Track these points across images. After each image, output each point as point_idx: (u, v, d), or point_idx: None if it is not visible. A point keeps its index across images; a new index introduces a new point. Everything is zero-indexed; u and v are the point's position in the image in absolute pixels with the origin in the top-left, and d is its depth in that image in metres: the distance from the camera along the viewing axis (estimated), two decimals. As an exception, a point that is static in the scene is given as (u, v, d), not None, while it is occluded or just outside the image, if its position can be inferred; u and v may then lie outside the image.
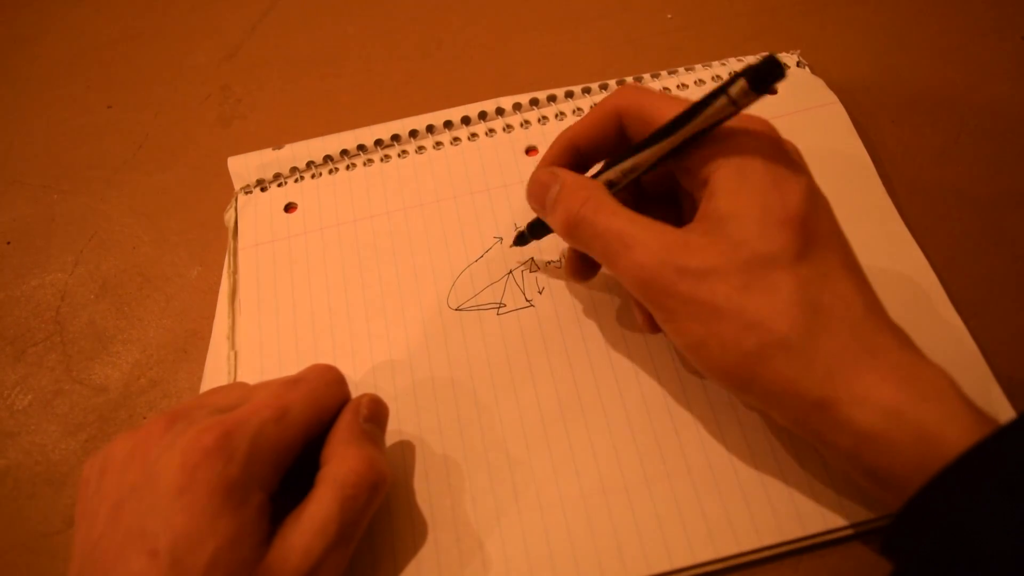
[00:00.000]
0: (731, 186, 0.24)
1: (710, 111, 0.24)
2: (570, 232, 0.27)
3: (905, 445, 0.21)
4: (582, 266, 0.31)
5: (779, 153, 0.25)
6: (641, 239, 0.25)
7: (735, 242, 0.23)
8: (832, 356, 0.22)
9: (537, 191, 0.29)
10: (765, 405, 0.24)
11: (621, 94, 0.28)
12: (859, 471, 0.23)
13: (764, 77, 0.22)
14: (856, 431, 0.22)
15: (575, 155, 0.30)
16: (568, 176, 0.28)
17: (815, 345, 0.22)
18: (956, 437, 0.20)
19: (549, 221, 0.29)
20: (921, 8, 0.43)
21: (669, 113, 0.25)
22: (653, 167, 0.26)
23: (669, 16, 0.45)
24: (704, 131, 0.25)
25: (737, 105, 0.23)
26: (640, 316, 0.29)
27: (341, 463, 0.25)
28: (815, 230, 0.24)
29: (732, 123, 0.25)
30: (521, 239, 0.34)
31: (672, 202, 0.30)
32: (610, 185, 0.28)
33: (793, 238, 0.23)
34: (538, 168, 0.30)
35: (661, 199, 0.31)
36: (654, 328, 0.28)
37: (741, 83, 0.23)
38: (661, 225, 0.25)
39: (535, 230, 0.32)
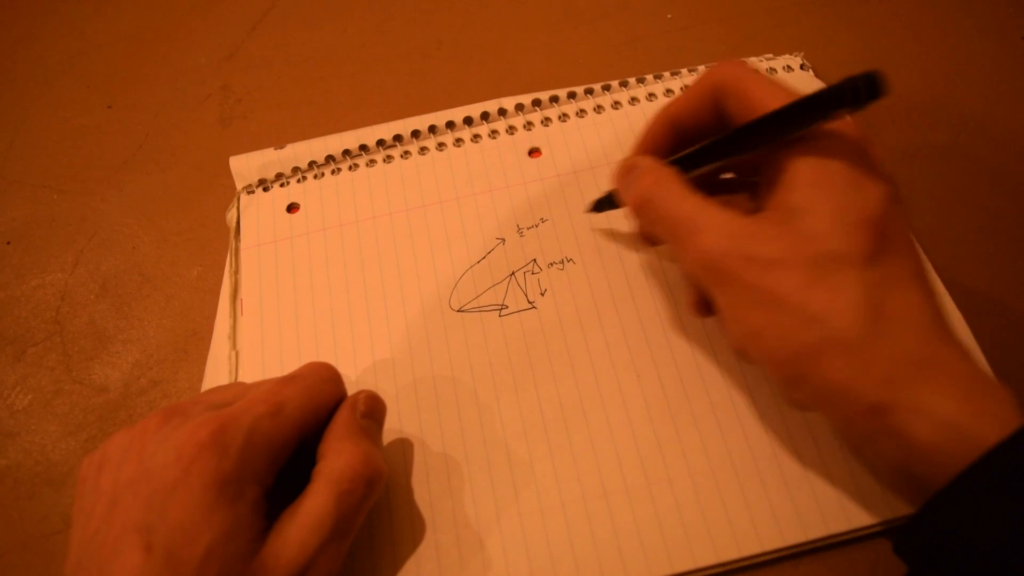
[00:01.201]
0: (809, 180, 0.24)
1: (813, 116, 0.23)
2: (638, 212, 0.28)
3: (957, 459, 0.21)
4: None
5: (862, 155, 0.25)
6: (709, 224, 0.25)
7: (807, 236, 0.23)
8: (892, 362, 0.22)
9: (619, 174, 0.30)
10: (816, 403, 0.24)
11: (721, 70, 0.28)
12: (904, 478, 0.23)
13: (872, 91, 0.22)
14: (909, 440, 0.21)
15: (675, 131, 0.30)
16: (645, 160, 0.29)
17: (875, 348, 0.22)
18: None
19: (626, 203, 0.29)
20: (921, 8, 0.43)
21: (770, 102, 0.25)
22: (740, 155, 0.26)
23: (669, 16, 0.45)
24: (800, 129, 0.24)
25: (839, 112, 0.23)
26: (693, 297, 0.29)
27: (337, 458, 0.25)
28: (889, 235, 0.23)
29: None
30: (599, 205, 0.34)
31: (747, 185, 0.30)
32: (692, 163, 0.28)
33: (867, 240, 0.23)
34: (630, 153, 0.31)
35: (740, 184, 0.31)
36: (704, 312, 0.28)
37: (856, 90, 0.22)
38: (730, 211, 0.25)
39: (607, 203, 0.34)
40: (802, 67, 0.40)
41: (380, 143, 0.40)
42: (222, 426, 0.24)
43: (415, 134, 0.40)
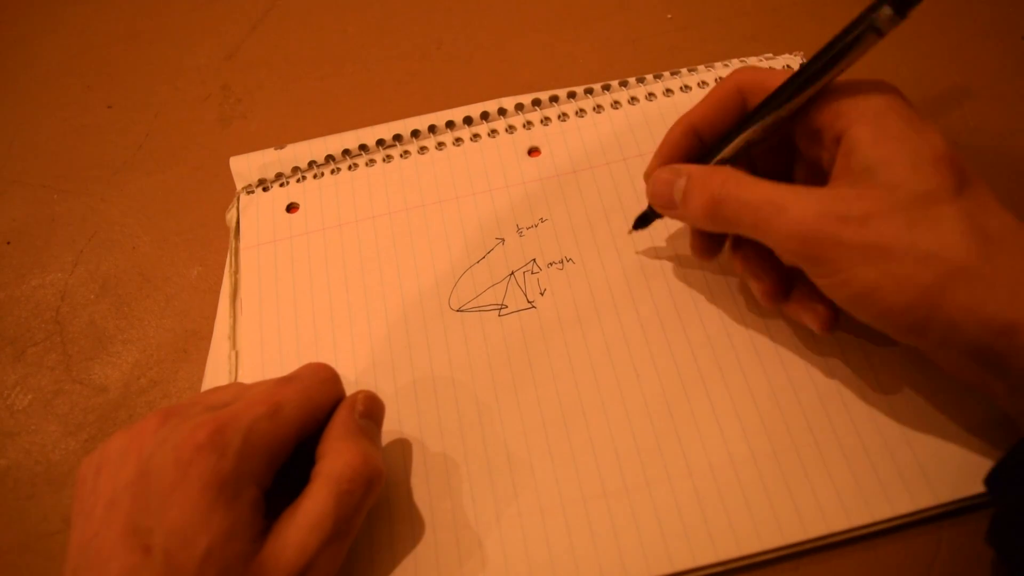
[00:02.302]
0: (871, 138, 0.24)
1: (855, 48, 0.24)
2: (714, 214, 0.27)
3: None
4: (710, 244, 0.31)
5: (907, 107, 0.25)
6: (794, 199, 0.25)
7: (891, 186, 0.24)
8: (1014, 278, 0.22)
9: (662, 190, 0.29)
10: (943, 343, 0.24)
11: (742, 72, 0.29)
12: None
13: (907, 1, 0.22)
14: None
15: (694, 140, 0.30)
16: (692, 168, 0.29)
17: (994, 270, 0.22)
18: None
19: (681, 214, 0.29)
20: (921, 8, 0.43)
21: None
22: (781, 125, 0.27)
23: (669, 16, 0.45)
24: (845, 62, 0.25)
25: (881, 32, 0.23)
26: (765, 286, 0.29)
27: (336, 458, 0.25)
28: (963, 167, 0.24)
29: (855, 82, 0.26)
30: (643, 220, 0.33)
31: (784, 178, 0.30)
32: (752, 144, 0.28)
33: (948, 174, 0.23)
34: (656, 169, 0.30)
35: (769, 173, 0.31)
36: (777, 298, 0.29)
37: (885, 9, 0.23)
38: (806, 187, 0.25)
39: (648, 217, 0.33)
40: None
41: (380, 143, 0.40)
42: (220, 427, 0.24)
43: (415, 134, 0.40)
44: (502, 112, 0.40)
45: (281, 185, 0.39)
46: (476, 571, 0.28)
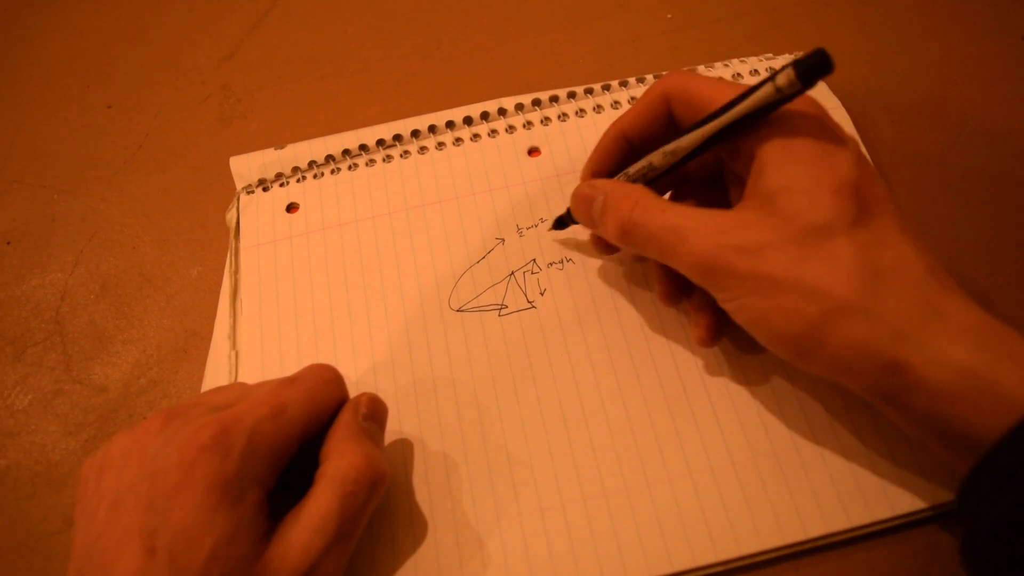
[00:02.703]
0: (778, 161, 0.24)
1: (755, 99, 0.24)
2: (624, 239, 0.28)
3: (982, 405, 0.21)
4: (673, 291, 0.31)
5: (824, 127, 0.25)
6: (693, 228, 0.25)
7: (788, 215, 0.24)
8: (899, 318, 0.22)
9: (581, 206, 0.30)
10: (834, 373, 0.24)
11: (668, 79, 0.29)
12: (934, 434, 0.23)
13: (814, 69, 0.22)
14: (931, 393, 0.22)
15: (625, 146, 0.31)
16: (608, 185, 0.29)
17: (880, 307, 0.22)
18: None
19: (600, 232, 0.29)
20: (921, 9, 0.43)
21: (718, 97, 0.26)
22: (698, 152, 0.27)
23: (669, 16, 0.45)
24: (748, 119, 0.25)
25: (783, 95, 0.23)
26: (662, 289, 0.31)
27: (340, 460, 0.25)
28: (868, 196, 0.24)
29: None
30: (560, 223, 0.34)
31: (718, 184, 0.30)
32: (652, 169, 0.28)
33: (847, 205, 0.23)
34: (585, 177, 0.31)
35: (706, 182, 0.31)
36: (672, 300, 0.30)
37: (788, 73, 0.23)
38: (711, 211, 0.25)
39: (567, 219, 0.33)
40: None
41: (380, 143, 0.40)
42: (224, 428, 0.24)
43: (415, 134, 0.40)
44: (502, 112, 0.40)
45: (281, 185, 0.39)
46: (477, 571, 0.28)
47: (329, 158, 0.40)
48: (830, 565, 0.27)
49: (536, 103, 0.40)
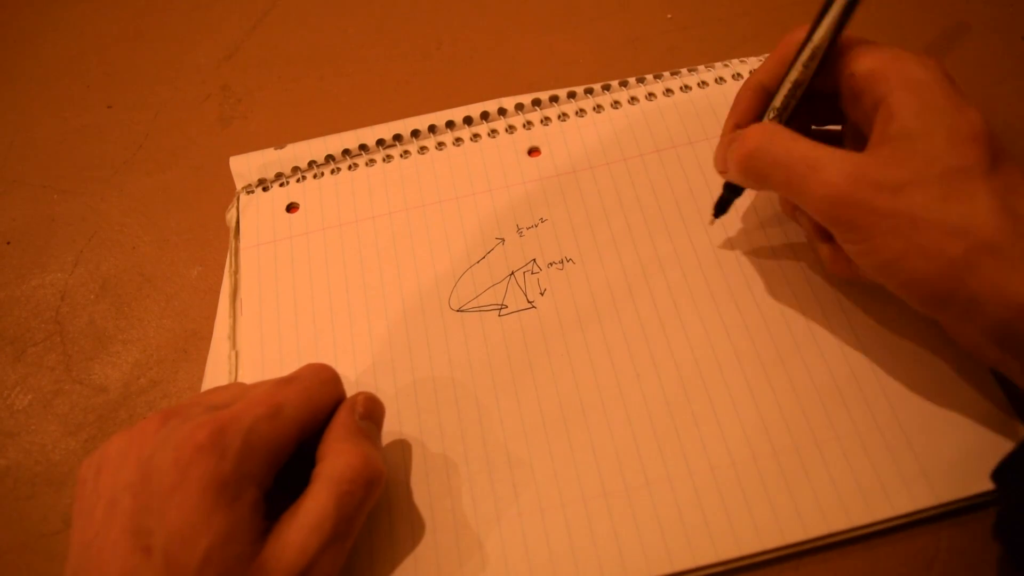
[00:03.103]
0: (913, 107, 0.25)
1: None
2: (748, 166, 0.27)
3: None
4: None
5: (951, 82, 0.25)
6: (829, 159, 0.25)
7: (928, 157, 0.24)
8: None
9: (720, 152, 0.30)
10: (965, 317, 0.24)
11: (801, 29, 0.29)
12: None
13: None
14: None
15: (764, 96, 0.30)
16: (742, 128, 0.29)
17: (1021, 249, 0.22)
18: None
19: (732, 175, 0.29)
20: (921, 8, 0.43)
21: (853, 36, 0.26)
22: (819, 69, 0.27)
23: (669, 16, 0.45)
24: None
25: None
26: (826, 250, 0.29)
27: (337, 459, 0.25)
28: (998, 148, 0.24)
29: (900, 51, 0.26)
30: (721, 205, 0.33)
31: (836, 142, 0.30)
32: (798, 85, 0.28)
33: (983, 153, 0.24)
34: (723, 133, 0.31)
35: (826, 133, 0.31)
36: (841, 265, 0.28)
37: None
38: (844, 150, 0.25)
39: (725, 196, 0.32)
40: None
41: (380, 143, 0.40)
42: (220, 428, 0.24)
43: (415, 134, 0.40)
44: (502, 112, 0.40)
45: (281, 185, 0.39)
46: (476, 571, 0.28)
47: (329, 158, 0.40)
48: (830, 565, 0.27)
49: (536, 103, 0.40)
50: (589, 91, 0.40)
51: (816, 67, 0.27)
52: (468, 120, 0.40)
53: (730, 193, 0.32)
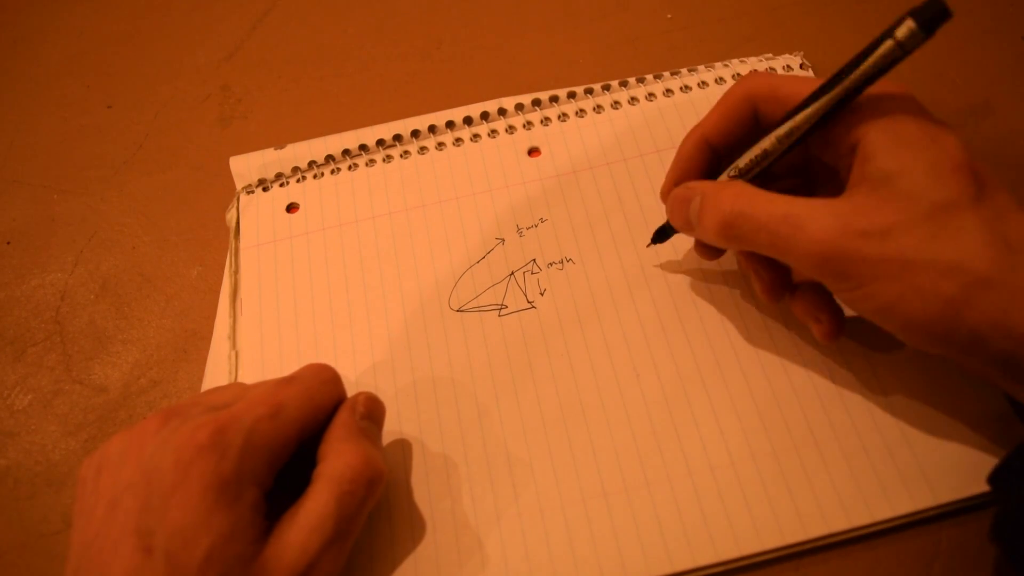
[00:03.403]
0: (889, 144, 0.24)
1: (876, 58, 0.23)
2: (728, 233, 0.26)
3: None
4: (713, 248, 0.30)
5: (922, 110, 0.25)
6: (811, 215, 0.24)
7: (911, 196, 0.23)
8: None
9: (678, 209, 0.29)
10: (968, 352, 0.24)
11: (750, 81, 0.28)
12: None
13: (936, 16, 0.22)
14: None
15: (708, 151, 0.30)
16: (706, 185, 0.28)
17: (1017, 279, 0.22)
18: None
19: (699, 234, 0.28)
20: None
21: (808, 92, 0.25)
22: (816, 128, 0.26)
23: (669, 16, 0.45)
24: (869, 81, 0.24)
25: (905, 49, 0.23)
26: (765, 283, 0.29)
27: (337, 459, 0.25)
28: (982, 174, 0.24)
29: (870, 89, 0.25)
30: (661, 234, 0.33)
31: (802, 186, 0.30)
32: (766, 156, 0.27)
33: (967, 182, 0.23)
34: (670, 187, 0.30)
35: (791, 182, 0.30)
36: (777, 294, 0.28)
37: (909, 24, 0.22)
38: (822, 199, 0.25)
39: (667, 231, 0.32)
40: (801, 67, 0.40)
41: (380, 143, 0.40)
42: (221, 428, 0.24)
43: (415, 134, 0.40)
44: (502, 112, 0.40)
45: (281, 185, 0.39)
46: (476, 571, 0.28)
47: (329, 158, 0.40)
48: (830, 565, 0.27)
49: (536, 103, 0.40)
50: (589, 91, 0.40)
51: (791, 144, 0.27)
52: (468, 120, 0.40)
53: (673, 228, 0.32)
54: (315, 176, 0.39)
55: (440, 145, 0.40)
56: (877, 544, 0.27)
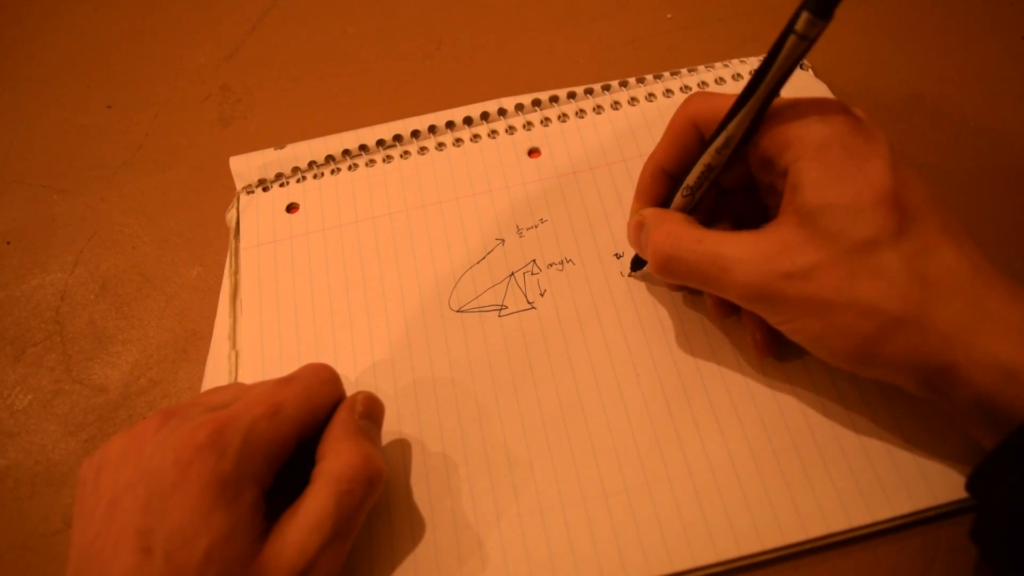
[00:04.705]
0: (813, 176, 0.24)
1: (785, 52, 0.23)
2: (664, 273, 0.28)
3: (1020, 401, 0.22)
4: (725, 308, 0.31)
5: (854, 130, 0.25)
6: (736, 256, 0.25)
7: (832, 234, 0.24)
8: (947, 323, 0.23)
9: (633, 238, 0.31)
10: (888, 377, 0.25)
11: (689, 105, 0.29)
12: (981, 423, 0.24)
13: (826, 1, 0.22)
14: (976, 391, 0.23)
15: (664, 179, 0.30)
16: (649, 214, 0.29)
17: (930, 316, 0.23)
18: None
19: (649, 266, 0.29)
20: (921, 8, 0.43)
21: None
22: (748, 135, 0.26)
23: (669, 16, 0.45)
24: (784, 78, 0.24)
25: (808, 39, 0.23)
26: (713, 300, 0.30)
27: (336, 458, 0.26)
28: (908, 202, 0.24)
29: (800, 105, 0.25)
30: (636, 264, 0.34)
31: (754, 195, 0.30)
32: (712, 170, 0.28)
33: (888, 217, 0.24)
34: (632, 213, 0.31)
35: (744, 193, 0.31)
36: (726, 312, 0.30)
37: (804, 15, 0.22)
38: (751, 235, 0.26)
39: (640, 262, 0.33)
40: (801, 67, 0.40)
41: (380, 143, 0.40)
42: (220, 427, 0.24)
43: (415, 134, 0.40)
44: (502, 112, 0.40)
45: (281, 185, 0.39)
46: (476, 571, 0.28)
47: (329, 158, 0.40)
48: (830, 565, 0.27)
49: (536, 103, 0.40)
50: (589, 91, 0.40)
51: (729, 154, 0.27)
52: (468, 120, 0.40)
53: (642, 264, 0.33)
54: (315, 176, 0.39)
55: (440, 145, 0.40)
56: (877, 544, 0.27)
